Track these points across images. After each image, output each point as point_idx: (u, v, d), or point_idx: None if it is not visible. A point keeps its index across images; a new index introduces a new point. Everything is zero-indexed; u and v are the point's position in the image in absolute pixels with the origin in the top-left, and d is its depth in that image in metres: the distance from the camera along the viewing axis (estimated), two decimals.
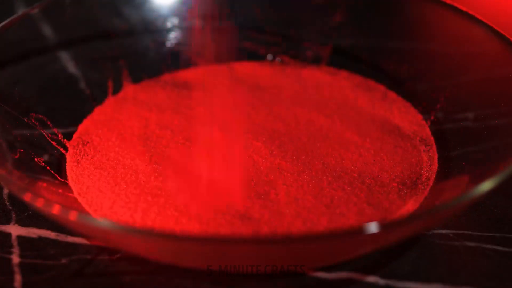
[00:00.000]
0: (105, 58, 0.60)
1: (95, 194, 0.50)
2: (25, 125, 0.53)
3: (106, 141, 0.54)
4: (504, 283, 0.47)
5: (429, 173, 0.52)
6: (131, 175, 0.51)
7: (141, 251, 0.45)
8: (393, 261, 0.48)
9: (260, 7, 0.64)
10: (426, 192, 0.50)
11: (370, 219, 0.48)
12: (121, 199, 0.49)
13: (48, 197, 0.48)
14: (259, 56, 0.63)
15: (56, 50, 0.59)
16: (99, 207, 0.49)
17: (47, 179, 0.51)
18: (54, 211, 0.42)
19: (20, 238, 0.49)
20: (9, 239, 0.49)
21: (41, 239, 0.49)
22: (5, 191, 0.52)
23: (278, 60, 0.63)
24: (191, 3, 0.63)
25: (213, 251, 0.42)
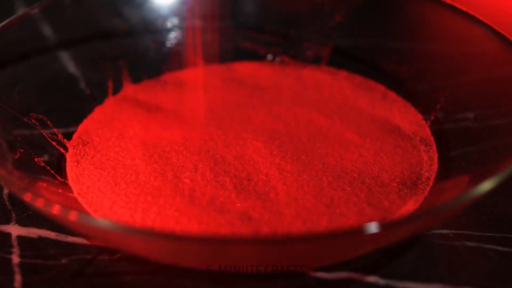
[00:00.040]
0: (105, 58, 0.60)
1: (95, 194, 0.50)
2: (25, 125, 0.53)
3: (106, 141, 0.54)
4: (504, 283, 0.47)
5: (429, 173, 0.52)
6: (131, 175, 0.51)
7: (141, 251, 0.45)
8: (393, 261, 0.48)
9: (260, 7, 0.64)
10: (426, 192, 0.50)
11: (370, 219, 0.48)
12: (121, 199, 0.49)
13: (48, 197, 0.48)
14: (259, 56, 0.63)
15: (56, 50, 0.59)
16: (99, 207, 0.49)
17: (47, 179, 0.51)
18: (54, 211, 0.42)
19: (20, 238, 0.49)
20: (9, 239, 0.49)
21: (41, 239, 0.49)
22: (5, 191, 0.52)
23: (278, 60, 0.63)
24: (191, 3, 0.63)
25: (213, 251, 0.42)
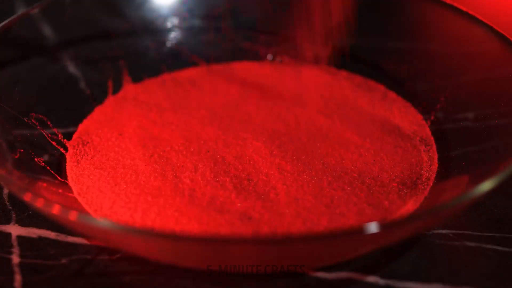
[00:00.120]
0: (105, 58, 0.60)
1: (95, 194, 0.50)
2: (25, 125, 0.53)
3: (106, 141, 0.54)
4: (504, 283, 0.47)
5: (429, 173, 0.52)
6: (131, 175, 0.51)
7: (141, 251, 0.45)
8: (393, 261, 0.48)
9: (260, 7, 0.64)
10: (426, 192, 0.50)
11: (370, 219, 0.48)
12: (121, 199, 0.49)
13: (48, 197, 0.48)
14: (259, 56, 0.63)
15: (56, 50, 0.59)
16: (99, 207, 0.49)
17: (47, 179, 0.51)
18: (54, 211, 0.42)
19: (20, 238, 0.49)
20: (9, 239, 0.49)
21: (41, 239, 0.49)
22: (5, 191, 0.52)
23: (278, 60, 0.63)
24: (191, 3, 0.63)
25: (213, 251, 0.42)
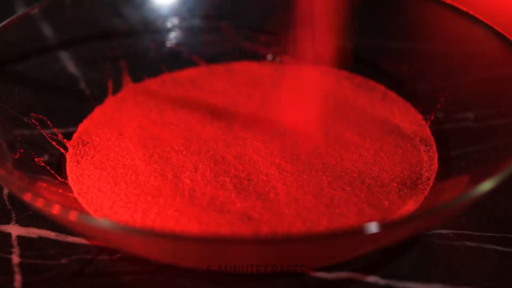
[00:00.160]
0: (105, 58, 0.60)
1: (95, 194, 0.50)
2: (25, 125, 0.53)
3: (106, 141, 0.54)
4: (504, 283, 0.47)
5: (429, 173, 0.52)
6: (131, 175, 0.51)
7: (141, 251, 0.45)
8: (393, 261, 0.48)
9: (260, 7, 0.64)
10: (426, 192, 0.50)
11: (370, 219, 0.48)
12: (121, 199, 0.49)
13: (48, 197, 0.48)
14: (259, 56, 0.63)
15: (56, 50, 0.59)
16: (99, 207, 0.49)
17: (47, 179, 0.50)
18: (54, 211, 0.42)
19: (20, 238, 0.49)
20: (9, 239, 0.49)
21: (41, 239, 0.49)
22: (5, 191, 0.52)
23: (278, 60, 0.63)
24: (191, 3, 0.63)
25: (213, 251, 0.42)
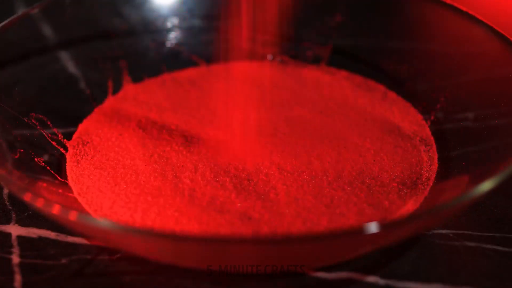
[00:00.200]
0: (105, 58, 0.60)
1: (95, 194, 0.50)
2: (25, 125, 0.53)
3: (106, 141, 0.54)
4: (504, 283, 0.47)
5: (429, 173, 0.52)
6: (131, 175, 0.51)
7: (141, 251, 0.45)
8: (393, 261, 0.48)
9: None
10: (426, 192, 0.50)
11: (370, 219, 0.48)
12: (121, 199, 0.49)
13: (48, 197, 0.48)
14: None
15: (56, 50, 0.59)
16: (99, 207, 0.49)
17: (47, 179, 0.51)
18: (54, 211, 0.42)
19: (20, 238, 0.49)
20: (9, 239, 0.49)
21: (41, 239, 0.49)
22: (5, 191, 0.52)
23: (278, 60, 0.63)
24: (191, 3, 0.63)
25: (213, 251, 0.42)
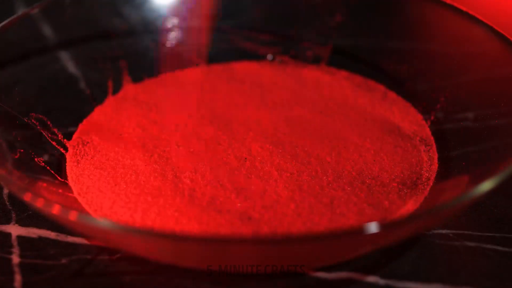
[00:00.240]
0: (105, 58, 0.60)
1: (95, 194, 0.50)
2: (25, 125, 0.53)
3: (106, 141, 0.54)
4: (504, 283, 0.47)
5: (429, 173, 0.52)
6: (131, 175, 0.51)
7: (141, 251, 0.45)
8: (393, 261, 0.48)
9: (260, 7, 0.64)
10: (426, 192, 0.50)
11: (370, 219, 0.48)
12: (121, 199, 0.49)
13: (48, 197, 0.48)
14: (259, 56, 0.63)
15: (56, 50, 0.59)
16: (99, 207, 0.49)
17: (47, 179, 0.51)
18: (54, 211, 0.42)
19: (20, 238, 0.49)
20: (9, 239, 0.49)
21: (41, 239, 0.49)
22: (5, 191, 0.52)
23: (278, 60, 0.63)
24: (191, 3, 0.63)
25: (213, 251, 0.42)
